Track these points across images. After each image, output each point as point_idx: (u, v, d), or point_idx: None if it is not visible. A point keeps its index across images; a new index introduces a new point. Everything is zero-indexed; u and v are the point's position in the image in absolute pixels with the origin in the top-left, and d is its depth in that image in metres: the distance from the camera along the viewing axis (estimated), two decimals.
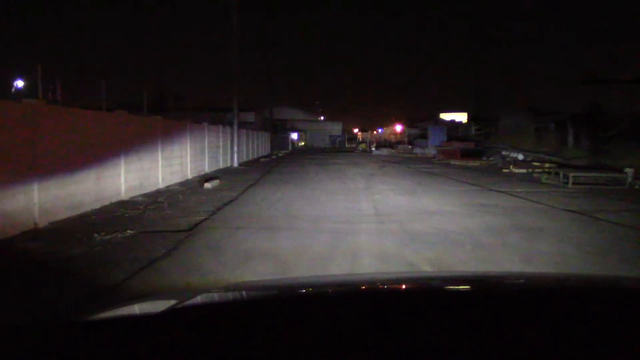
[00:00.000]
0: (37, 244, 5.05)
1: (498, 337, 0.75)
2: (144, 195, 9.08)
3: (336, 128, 55.33)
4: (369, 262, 4.46)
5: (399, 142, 45.40)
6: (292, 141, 46.02)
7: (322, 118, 65.42)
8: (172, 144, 11.41)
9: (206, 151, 14.90)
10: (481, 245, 5.14)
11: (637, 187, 11.35)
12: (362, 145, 45.55)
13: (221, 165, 17.10)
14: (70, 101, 8.50)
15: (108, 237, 5.37)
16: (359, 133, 61.65)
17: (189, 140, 12.82)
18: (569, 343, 0.72)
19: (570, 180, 11.54)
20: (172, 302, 0.96)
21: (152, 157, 9.94)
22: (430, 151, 28.79)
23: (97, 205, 7.32)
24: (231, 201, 8.70)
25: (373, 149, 38.87)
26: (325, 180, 12.94)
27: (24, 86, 19.95)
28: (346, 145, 50.95)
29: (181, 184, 11.50)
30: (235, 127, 18.92)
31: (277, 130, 40.23)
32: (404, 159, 26.35)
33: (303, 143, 50.63)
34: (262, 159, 24.67)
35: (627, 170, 11.87)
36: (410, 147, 36.57)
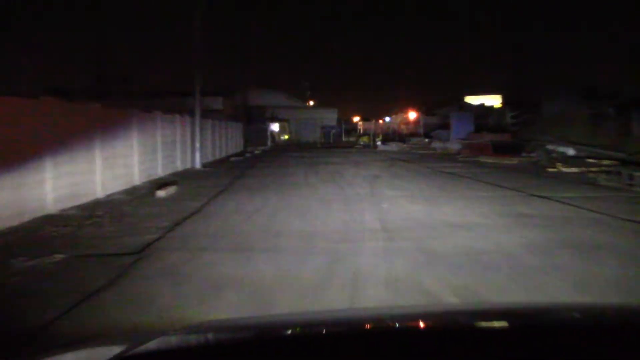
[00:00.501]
0: None
1: None
2: (79, 207, 9.10)
3: (330, 117, 55.78)
4: (374, 292, 4.52)
5: (413, 134, 45.38)
6: (273, 134, 46.33)
7: (311, 103, 65.93)
8: (115, 139, 11.42)
9: (159, 148, 14.97)
10: (521, 268, 5.25)
11: None
12: (364, 139, 46.18)
13: (179, 166, 17.24)
14: None
15: (30, 263, 5.41)
16: (360, 123, 62.04)
17: (136, 135, 12.84)
18: None
19: (638, 182, 11.73)
20: (118, 348, 0.97)
21: (88, 157, 9.93)
22: (453, 145, 29.23)
23: (14, 222, 7.32)
24: (193, 214, 8.78)
25: (378, 143, 39.39)
26: (317, 186, 13.11)
27: None
28: (343, 138, 51.46)
29: (127, 191, 11.58)
30: (198, 116, 18.87)
31: (253, 119, 40.44)
32: (419, 156, 26.77)
33: (287, 136, 51.01)
34: (232, 158, 24.84)
35: None
36: (427, 140, 37.23)
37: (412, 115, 53.82)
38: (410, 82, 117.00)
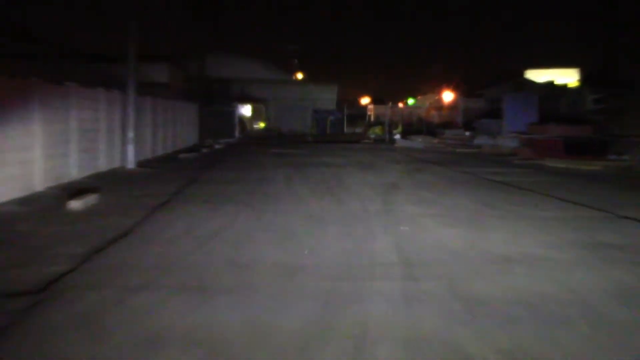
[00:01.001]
0: None
1: None
2: None
3: (327, 97, 56.76)
4: (388, 354, 4.61)
5: (447, 125, 46.05)
6: (243, 120, 46.94)
7: (300, 77, 67.60)
8: (6, 123, 11.44)
9: (74, 138, 15.02)
10: (607, 326, 5.33)
11: None
12: (376, 130, 46.67)
13: (104, 165, 17.39)
14: None
15: None
16: (371, 107, 62.70)
17: (38, 117, 12.84)
18: None
19: None
20: None
21: None
22: (507, 142, 29.48)
23: None
24: (123, 236, 8.86)
25: (397, 136, 39.98)
26: (306, 198, 13.28)
27: None
28: (345, 129, 52.19)
29: (24, 200, 11.65)
30: (132, 90, 18.83)
31: (214, 99, 40.89)
32: (456, 155, 27.03)
33: (263, 124, 51.81)
34: (183, 155, 24.98)
35: None
36: (468, 133, 37.62)
37: (448, 96, 54.25)
38: (445, 51, 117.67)
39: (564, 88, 45.74)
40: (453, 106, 52.33)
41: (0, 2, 39.67)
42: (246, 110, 49.82)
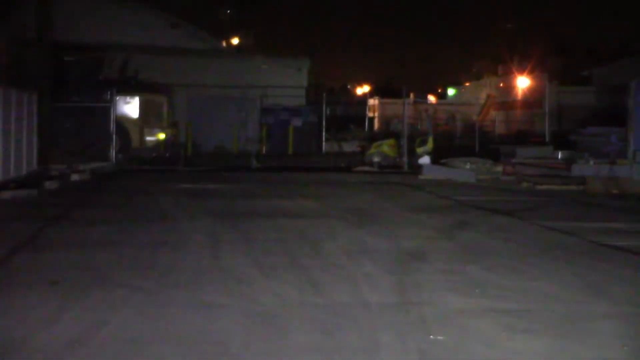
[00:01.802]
0: None
1: None
2: None
3: (289, 83, 41.34)
4: None
5: (521, 136, 34.68)
6: (125, 127, 32.86)
7: (235, 43, 53.51)
8: None
9: None
10: None
11: None
12: (384, 147, 32.77)
13: None
14: None
15: None
16: (374, 102, 46.17)
17: None
18: None
19: None
20: None
21: None
22: (638, 172, 24.02)
23: None
24: None
25: (424, 159, 28.62)
26: (249, 276, 9.20)
27: None
28: (325, 142, 38.51)
29: None
30: None
31: (72, 85, 29.17)
32: (537, 196, 19.81)
33: (162, 134, 35.40)
34: (3, 194, 19.06)
35: None
36: (560, 153, 28.90)
37: (524, 82, 38.62)
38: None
39: None
40: (536, 101, 35.99)
41: None
42: (132, 107, 31.72)
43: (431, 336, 7.02)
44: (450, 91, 43.07)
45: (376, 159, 28.67)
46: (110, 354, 6.05)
